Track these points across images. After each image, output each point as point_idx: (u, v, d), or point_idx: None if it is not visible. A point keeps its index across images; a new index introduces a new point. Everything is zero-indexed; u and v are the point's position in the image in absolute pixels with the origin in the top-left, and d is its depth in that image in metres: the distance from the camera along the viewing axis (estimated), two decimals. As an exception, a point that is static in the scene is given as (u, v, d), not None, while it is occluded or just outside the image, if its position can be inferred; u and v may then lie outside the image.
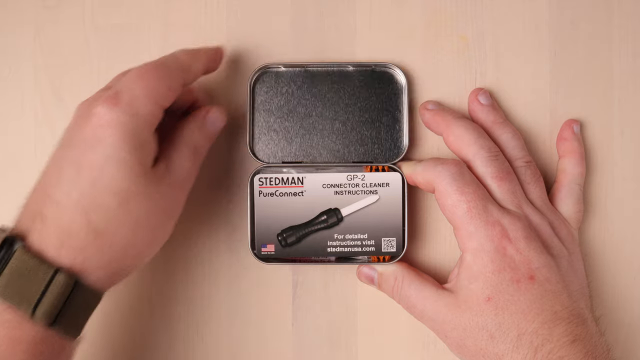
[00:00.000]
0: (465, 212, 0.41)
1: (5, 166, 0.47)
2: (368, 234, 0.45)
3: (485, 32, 0.47)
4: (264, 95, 0.46)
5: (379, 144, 0.46)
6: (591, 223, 0.47)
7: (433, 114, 0.45)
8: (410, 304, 0.43)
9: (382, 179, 0.45)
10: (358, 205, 0.45)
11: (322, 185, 0.45)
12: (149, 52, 0.47)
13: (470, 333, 0.40)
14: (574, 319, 0.39)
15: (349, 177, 0.45)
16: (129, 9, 0.47)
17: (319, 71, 0.46)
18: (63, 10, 0.47)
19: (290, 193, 0.45)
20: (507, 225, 0.40)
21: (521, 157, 0.44)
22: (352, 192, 0.45)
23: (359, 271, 0.45)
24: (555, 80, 0.47)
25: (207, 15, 0.47)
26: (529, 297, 0.39)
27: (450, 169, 0.41)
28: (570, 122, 0.46)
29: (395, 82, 0.46)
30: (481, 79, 0.47)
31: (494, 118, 0.45)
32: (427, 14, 0.47)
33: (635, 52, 0.47)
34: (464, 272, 0.41)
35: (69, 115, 0.46)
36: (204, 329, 0.47)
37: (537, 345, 0.38)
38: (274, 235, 0.44)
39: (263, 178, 0.44)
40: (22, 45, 0.47)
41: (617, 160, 0.47)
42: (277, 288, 0.47)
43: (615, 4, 0.47)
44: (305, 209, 0.45)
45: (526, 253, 0.40)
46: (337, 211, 0.45)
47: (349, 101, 0.46)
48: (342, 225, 0.45)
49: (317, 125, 0.46)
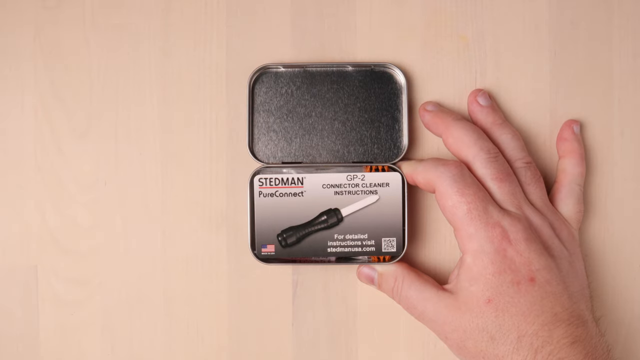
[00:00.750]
0: (465, 213, 0.41)
1: (5, 166, 0.47)
2: (368, 234, 0.45)
3: (485, 32, 0.47)
4: (264, 95, 0.46)
5: (378, 144, 0.46)
6: (591, 223, 0.47)
7: (432, 116, 0.45)
8: (410, 304, 0.43)
9: (382, 179, 0.45)
10: (358, 205, 0.44)
11: (322, 185, 0.45)
12: (149, 52, 0.47)
13: (470, 335, 0.40)
14: (574, 321, 0.39)
15: (349, 177, 0.45)
16: (129, 9, 0.47)
17: (319, 71, 0.46)
18: (63, 10, 0.47)
19: (290, 193, 0.44)
20: (508, 227, 0.40)
21: (521, 158, 0.44)
22: (352, 192, 0.45)
23: (359, 271, 0.45)
24: (555, 80, 0.47)
25: (207, 15, 0.47)
26: (529, 299, 0.39)
27: (451, 170, 0.41)
28: (570, 123, 0.46)
29: (395, 82, 0.46)
30: (481, 79, 0.47)
31: (494, 119, 0.45)
32: (427, 14, 0.47)
33: (635, 52, 0.47)
34: (464, 274, 0.41)
35: (69, 115, 0.46)
36: (204, 329, 0.47)
37: (537, 347, 0.38)
38: (274, 236, 0.44)
39: (263, 178, 0.44)
40: (22, 45, 0.47)
41: (617, 160, 0.47)
42: (277, 288, 0.47)
43: (615, 4, 0.47)
44: (305, 209, 0.44)
45: (526, 255, 0.40)
46: (337, 211, 0.44)
47: (349, 101, 0.46)
48: (342, 225, 0.45)
49: (316, 126, 0.46)
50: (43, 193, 0.47)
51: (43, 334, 0.47)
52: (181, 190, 0.47)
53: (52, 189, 0.47)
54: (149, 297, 0.47)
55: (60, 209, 0.47)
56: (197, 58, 0.47)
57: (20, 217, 0.47)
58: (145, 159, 0.47)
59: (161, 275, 0.47)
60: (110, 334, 0.47)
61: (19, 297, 0.47)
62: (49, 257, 0.47)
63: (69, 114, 0.47)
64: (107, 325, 0.47)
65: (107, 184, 0.47)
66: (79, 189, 0.47)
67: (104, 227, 0.47)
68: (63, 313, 0.47)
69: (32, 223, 0.47)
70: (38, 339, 0.47)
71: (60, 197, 0.47)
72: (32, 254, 0.47)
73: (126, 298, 0.47)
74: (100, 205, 0.47)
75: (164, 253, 0.47)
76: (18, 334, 0.47)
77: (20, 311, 0.47)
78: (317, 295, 0.47)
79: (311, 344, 0.47)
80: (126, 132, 0.47)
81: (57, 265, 0.47)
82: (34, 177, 0.47)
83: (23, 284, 0.47)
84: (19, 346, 0.47)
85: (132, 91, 0.47)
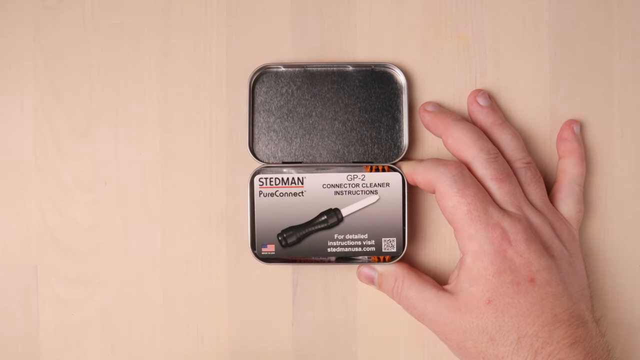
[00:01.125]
0: (465, 214, 0.40)
1: (5, 166, 0.47)
2: (368, 234, 0.45)
3: (485, 32, 0.47)
4: (264, 95, 0.46)
5: (378, 144, 0.46)
6: (591, 223, 0.47)
7: (432, 116, 0.45)
8: (410, 305, 0.43)
9: (382, 179, 0.44)
10: (358, 205, 0.44)
11: (322, 185, 0.45)
12: (149, 52, 0.47)
13: (470, 335, 0.40)
14: (574, 321, 0.39)
15: (349, 177, 0.45)
16: (129, 9, 0.47)
17: (319, 71, 0.46)
18: (63, 10, 0.47)
19: (291, 193, 0.44)
20: (508, 228, 0.40)
21: (521, 158, 0.44)
22: (352, 192, 0.45)
23: (359, 271, 0.45)
24: (555, 80, 0.47)
25: (207, 15, 0.47)
26: (529, 299, 0.39)
27: (451, 171, 0.41)
28: (570, 123, 0.46)
29: (395, 82, 0.46)
30: (481, 79, 0.47)
31: (493, 119, 0.45)
32: (427, 14, 0.47)
33: (635, 52, 0.47)
34: (464, 274, 0.41)
35: (69, 115, 0.46)
36: (204, 329, 0.47)
37: (537, 348, 0.38)
38: (274, 236, 0.44)
39: (263, 178, 0.44)
40: (22, 45, 0.47)
41: (617, 160, 0.47)
42: (277, 288, 0.47)
43: (615, 4, 0.47)
44: (306, 209, 0.44)
45: (526, 255, 0.40)
46: (337, 211, 0.44)
47: (349, 101, 0.46)
48: (342, 225, 0.45)
49: (316, 126, 0.46)
50: (43, 193, 0.47)
51: (43, 334, 0.47)
52: (181, 190, 0.47)
53: (52, 189, 0.47)
54: (149, 297, 0.47)
55: (60, 209, 0.47)
56: (197, 58, 0.47)
57: (20, 217, 0.47)
58: (145, 159, 0.47)
59: (161, 275, 0.47)
60: (110, 334, 0.47)
61: (19, 297, 0.47)
62: (49, 257, 0.47)
63: (69, 114, 0.47)
64: (107, 325, 0.47)
65: (107, 184, 0.47)
66: (79, 189, 0.47)
67: (104, 227, 0.47)
68: (63, 313, 0.47)
69: (32, 223, 0.47)
70: (38, 339, 0.47)
71: (60, 197, 0.47)
72: (32, 254, 0.47)
73: (126, 298, 0.47)
74: (100, 205, 0.47)
75: (164, 253, 0.47)
76: (18, 334, 0.47)
77: (20, 311, 0.47)
78: (317, 295, 0.47)
79: (311, 344, 0.47)
80: (126, 132, 0.47)
81: (57, 265, 0.47)
82: (34, 177, 0.47)
83: (23, 284, 0.47)
84: (19, 346, 0.47)
85: (132, 91, 0.47)
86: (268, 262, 0.44)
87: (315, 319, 0.47)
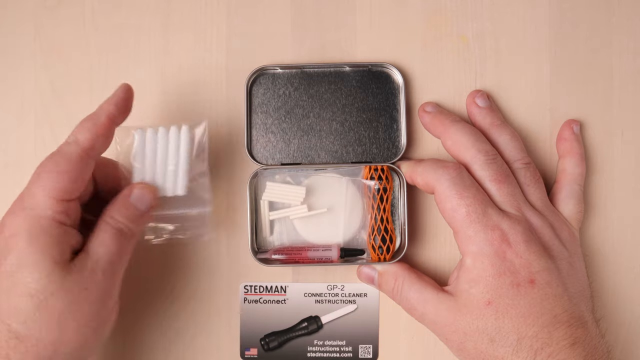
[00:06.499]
0: (464, 216, 0.40)
1: (5, 166, 0.47)
2: (346, 340, 0.46)
3: (485, 32, 0.47)
4: (261, 97, 0.46)
5: (377, 144, 0.46)
6: (591, 223, 0.47)
7: (431, 118, 0.45)
8: (410, 306, 0.43)
9: (360, 290, 0.46)
10: (337, 313, 0.46)
11: (303, 294, 0.46)
12: (149, 52, 0.47)
13: (470, 336, 0.40)
14: (574, 322, 0.39)
15: (329, 287, 0.46)
16: (129, 9, 0.47)
17: (316, 72, 0.46)
18: (63, 10, 0.47)
19: (274, 300, 0.46)
20: (507, 229, 0.40)
21: (520, 159, 0.44)
22: (332, 301, 0.46)
23: (360, 271, 0.45)
24: (555, 80, 0.47)
25: (207, 15, 0.47)
26: (528, 301, 0.39)
27: (449, 173, 0.41)
28: (570, 122, 0.46)
29: (392, 81, 0.46)
30: (481, 79, 0.47)
31: (492, 120, 0.45)
32: (427, 14, 0.47)
33: (635, 52, 0.46)
34: (464, 276, 0.41)
35: (69, 115, 0.47)
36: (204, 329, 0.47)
37: (536, 348, 0.38)
38: (257, 340, 0.46)
39: (248, 286, 0.46)
40: (22, 45, 0.47)
41: (617, 160, 0.47)
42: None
43: (615, 4, 0.46)
44: (288, 315, 0.46)
45: (526, 257, 0.40)
46: (318, 319, 0.46)
47: (347, 102, 0.46)
48: (322, 332, 0.46)
49: (314, 126, 0.46)
50: (43, 193, 0.47)
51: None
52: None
53: (52, 189, 0.47)
54: (150, 298, 0.47)
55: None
56: (197, 58, 0.47)
57: (20, 217, 0.47)
58: (145, 158, 0.47)
59: (161, 275, 0.47)
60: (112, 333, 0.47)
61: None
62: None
63: (69, 114, 0.47)
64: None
65: (107, 184, 0.47)
66: (78, 189, 0.47)
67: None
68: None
69: (32, 223, 0.47)
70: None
71: (60, 197, 0.47)
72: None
73: (127, 298, 0.47)
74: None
75: (165, 253, 0.47)
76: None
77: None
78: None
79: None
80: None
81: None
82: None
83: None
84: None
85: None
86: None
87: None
